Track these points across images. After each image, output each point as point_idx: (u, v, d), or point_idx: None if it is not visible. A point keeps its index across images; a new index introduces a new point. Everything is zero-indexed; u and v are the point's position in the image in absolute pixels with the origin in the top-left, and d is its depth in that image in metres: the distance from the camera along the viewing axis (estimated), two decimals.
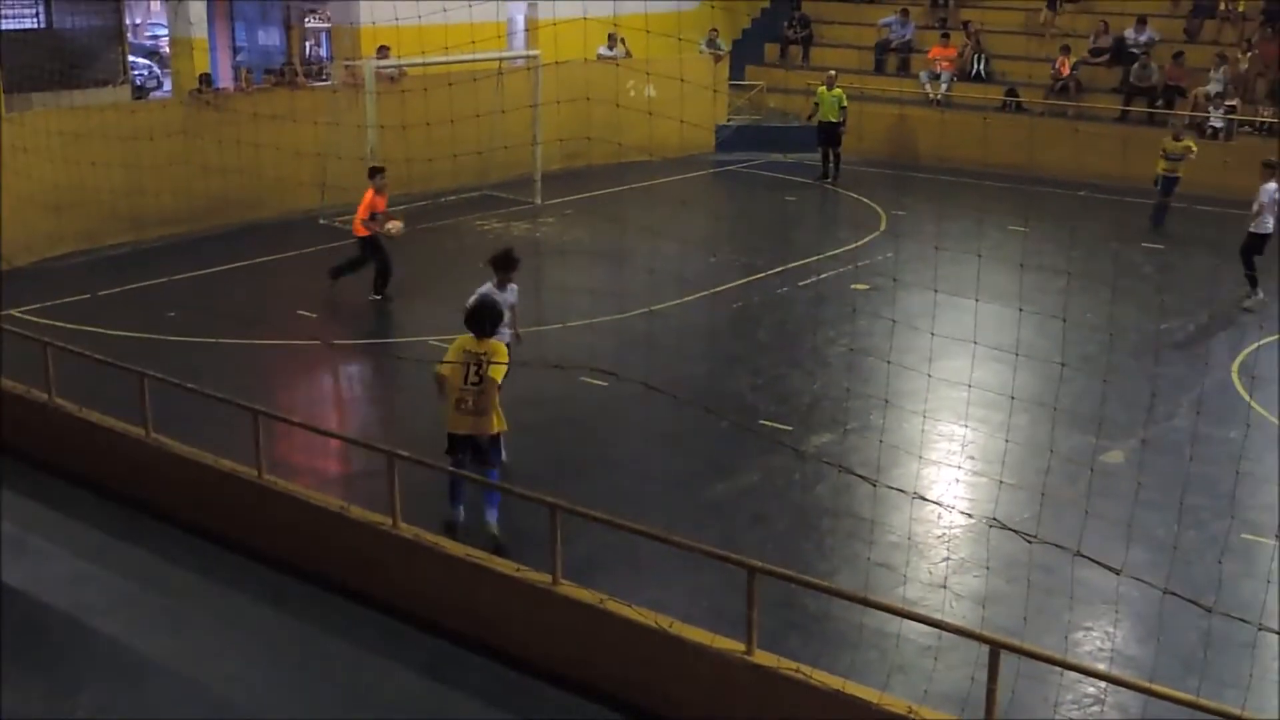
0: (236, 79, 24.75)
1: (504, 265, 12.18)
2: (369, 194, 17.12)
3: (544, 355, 14.69)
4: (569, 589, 8.84)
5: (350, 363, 15.35)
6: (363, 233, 17.13)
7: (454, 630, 9.27)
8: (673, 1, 27.20)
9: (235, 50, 26.47)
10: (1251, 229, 17.54)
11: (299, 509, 10.29)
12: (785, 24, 31.79)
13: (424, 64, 20.80)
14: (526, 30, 27.39)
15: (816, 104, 25.49)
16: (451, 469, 10.45)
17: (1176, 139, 21.89)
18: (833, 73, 26.07)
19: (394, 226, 17.12)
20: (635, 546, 9.74)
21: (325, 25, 25.68)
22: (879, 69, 29.31)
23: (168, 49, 24.13)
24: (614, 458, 12.35)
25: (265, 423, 10.59)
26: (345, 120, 20.79)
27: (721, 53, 29.07)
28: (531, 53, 23.72)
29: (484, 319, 10.64)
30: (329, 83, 23.04)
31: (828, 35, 31.31)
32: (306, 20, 25.82)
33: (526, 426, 12.67)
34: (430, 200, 22.65)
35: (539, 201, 23.11)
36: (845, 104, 25.33)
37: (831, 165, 25.45)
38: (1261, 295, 17.42)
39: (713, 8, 30.14)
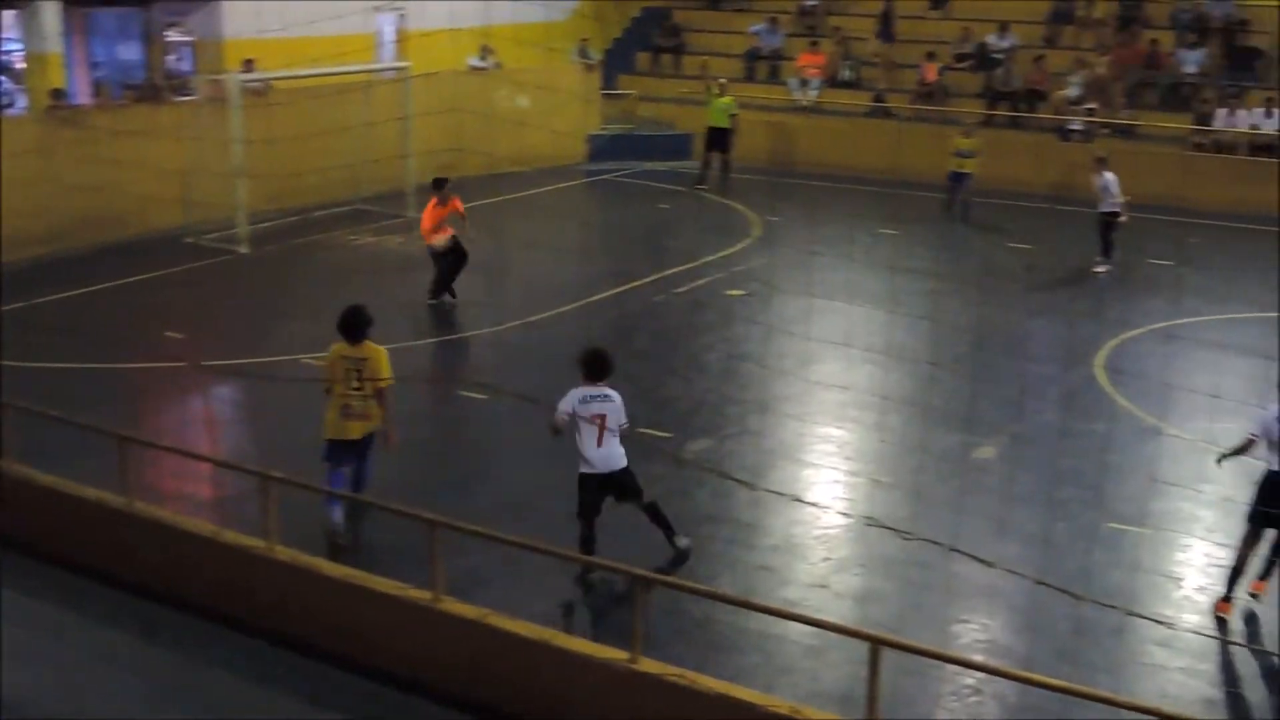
0: (96, 94, 24.12)
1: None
2: (432, 205, 17.30)
3: (421, 370, 14.60)
4: (451, 605, 8.76)
5: (221, 384, 15.03)
6: (432, 241, 17.38)
7: (336, 653, 9.12)
8: (543, 12, 27.23)
9: (93, 65, 25.79)
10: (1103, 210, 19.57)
11: (169, 536, 10.04)
12: (656, 32, 31.97)
13: (291, 77, 20.52)
14: (396, 41, 27.14)
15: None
16: (328, 476, 10.51)
17: (966, 136, 23.34)
18: (723, 80, 26.33)
19: (440, 239, 17.32)
20: (517, 559, 9.69)
21: (187, 39, 25.12)
22: (749, 77, 29.58)
23: (21, 64, 23.41)
24: (494, 471, 12.27)
25: (133, 449, 10.32)
26: (210, 136, 20.39)
27: (593, 62, 29.12)
28: (401, 64, 23.50)
29: (355, 324, 10.67)
30: (192, 97, 22.55)
31: (698, 43, 31.52)
32: (167, 33, 25.24)
33: (405, 442, 12.51)
34: (300, 216, 22.30)
35: (411, 214, 22.88)
36: (735, 111, 25.66)
37: (718, 171, 25.65)
38: (1110, 266, 19.40)
39: (582, 17, 30.19)
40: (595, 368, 10.35)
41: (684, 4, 32.92)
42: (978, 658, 8.93)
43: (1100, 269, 19.49)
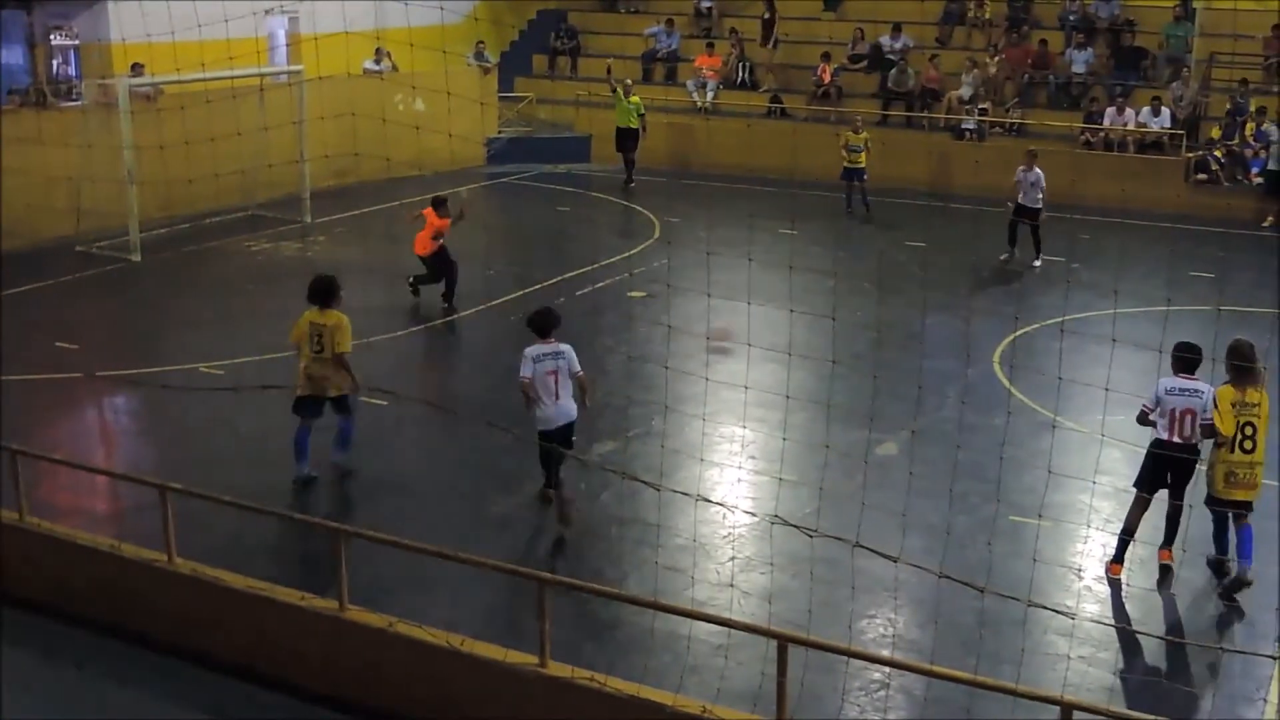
0: None
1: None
2: (431, 217, 17.48)
3: None
4: (357, 614, 8.67)
5: (117, 395, 14.70)
6: (425, 251, 17.55)
7: (240, 666, 8.98)
8: (438, 15, 27.01)
9: None
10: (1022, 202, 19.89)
11: (66, 551, 9.80)
12: (553, 35, 31.92)
13: (181, 81, 20.12)
14: (288, 45, 26.77)
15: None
16: (296, 431, 11.72)
17: (856, 132, 23.66)
18: (629, 81, 26.37)
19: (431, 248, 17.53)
20: (424, 566, 9.60)
21: (73, 43, 24.55)
22: (646, 78, 29.67)
23: None
24: (398, 478, 12.15)
25: (27, 463, 10.06)
26: (99, 142, 19.95)
27: (489, 65, 29.00)
28: (294, 68, 23.19)
29: (325, 292, 11.82)
30: (80, 103, 22.04)
31: (595, 46, 31.55)
32: (52, 37, 24.63)
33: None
34: (193, 222, 21.92)
35: (309, 220, 22.62)
36: (643, 111, 25.72)
37: (628, 170, 25.74)
38: (1014, 254, 20.17)
39: (477, 20, 30.03)
40: (542, 324, 11.22)
41: (580, 6, 32.92)
42: (884, 652, 9.03)
43: (1037, 263, 20.00)
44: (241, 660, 9.00)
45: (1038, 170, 19.89)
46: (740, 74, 29.10)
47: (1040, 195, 19.87)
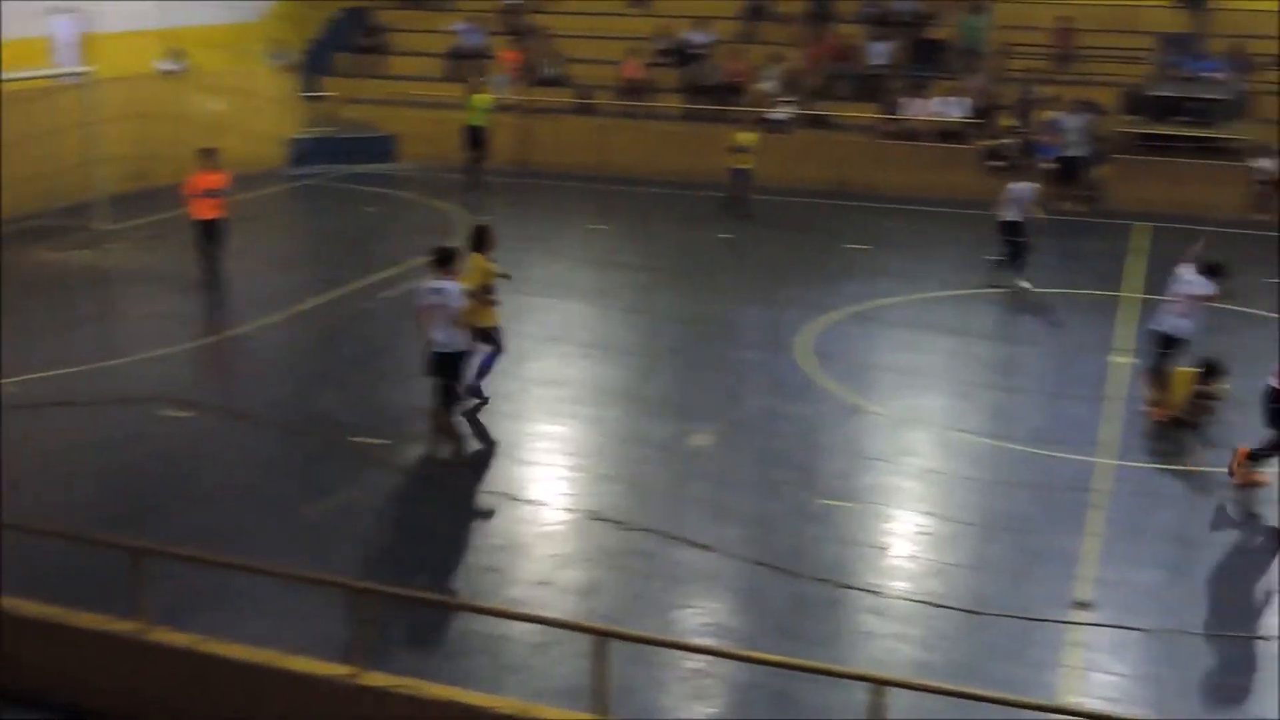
0: None
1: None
2: (202, 178, 17.89)
3: (119, 390, 13.88)
4: (162, 635, 8.36)
5: None
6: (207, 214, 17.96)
7: (36, 697, 8.57)
8: (233, 13, 26.37)
9: None
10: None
11: None
12: (357, 33, 31.35)
13: None
14: (75, 45, 25.71)
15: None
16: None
17: (744, 132, 23.50)
18: (481, 79, 26.04)
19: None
20: (232, 581, 9.31)
21: None
22: (452, 76, 29.34)
23: None
24: (203, 491, 11.74)
25: None
26: None
27: (289, 64, 28.34)
28: (83, 69, 22.28)
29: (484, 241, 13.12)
30: None
31: (400, 43, 31.09)
32: None
33: (101, 472, 11.90)
34: None
35: (103, 226, 21.73)
36: (490, 109, 25.44)
37: (466, 170, 25.33)
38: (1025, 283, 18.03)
39: (278, 18, 29.35)
40: (437, 261, 11.93)
41: (384, 3, 32.40)
42: (701, 641, 9.09)
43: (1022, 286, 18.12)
44: (36, 691, 8.59)
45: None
46: (547, 70, 29.01)
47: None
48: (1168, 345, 13.13)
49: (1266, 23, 24.80)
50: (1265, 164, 22.58)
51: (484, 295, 12.97)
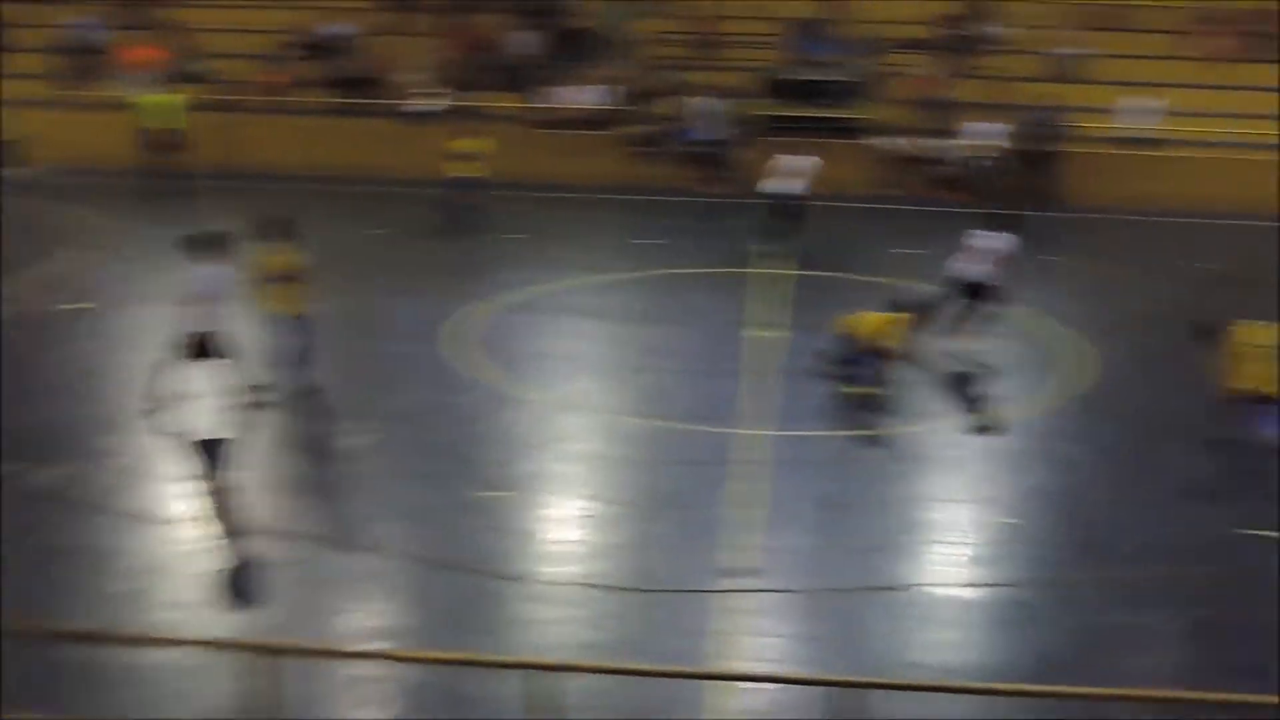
0: None
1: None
2: None
3: None
4: None
5: None
6: None
7: None
8: None
9: None
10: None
11: None
12: None
13: None
14: None
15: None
16: None
17: (465, 137, 21.60)
18: (158, 75, 24.43)
19: None
20: None
21: None
22: (73, 74, 27.48)
23: None
24: None
25: None
26: None
27: None
28: None
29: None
30: None
31: (14, 39, 28.87)
32: None
33: None
34: None
35: None
36: (181, 107, 23.84)
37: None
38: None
39: None
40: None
41: None
42: (370, 645, 8.85)
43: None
44: None
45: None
46: (184, 65, 27.59)
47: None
48: (975, 293, 14.65)
49: (899, 10, 26.50)
50: (897, 142, 23.98)
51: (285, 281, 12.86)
